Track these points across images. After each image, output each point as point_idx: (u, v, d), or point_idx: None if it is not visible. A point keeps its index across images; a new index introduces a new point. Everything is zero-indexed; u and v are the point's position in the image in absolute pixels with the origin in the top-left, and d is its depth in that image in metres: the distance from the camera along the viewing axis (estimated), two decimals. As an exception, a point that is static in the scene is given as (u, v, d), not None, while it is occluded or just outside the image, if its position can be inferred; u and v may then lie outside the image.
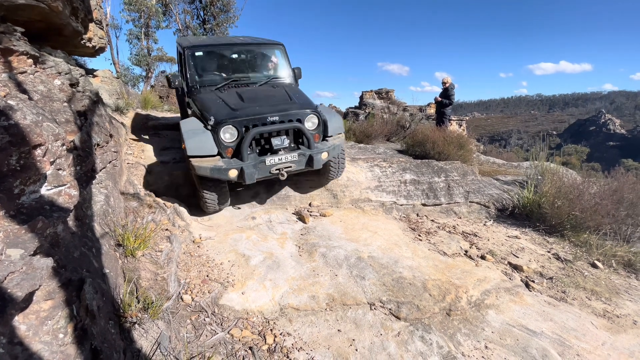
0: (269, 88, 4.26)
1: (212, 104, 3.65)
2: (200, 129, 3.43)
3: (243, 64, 4.70)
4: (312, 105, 3.87)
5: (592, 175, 6.28)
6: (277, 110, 3.55)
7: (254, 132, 3.35)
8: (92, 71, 7.35)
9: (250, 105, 3.57)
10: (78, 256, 1.75)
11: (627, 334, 2.68)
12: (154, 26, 17.01)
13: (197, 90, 4.09)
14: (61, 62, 2.85)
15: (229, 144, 3.39)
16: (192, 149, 3.26)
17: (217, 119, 3.36)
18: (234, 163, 3.31)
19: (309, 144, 3.65)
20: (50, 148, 1.68)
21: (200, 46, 4.41)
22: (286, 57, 4.85)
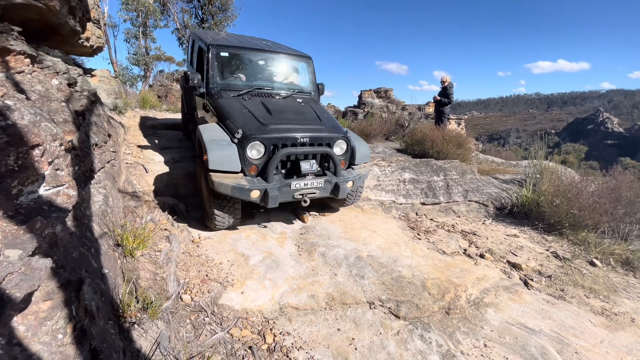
0: (295, 103, 3.97)
1: (238, 114, 3.38)
2: (225, 141, 3.10)
3: (267, 72, 4.41)
4: (341, 129, 3.66)
5: (590, 173, 6.30)
6: (308, 131, 3.33)
7: (284, 153, 3.10)
8: (90, 71, 7.33)
9: (280, 121, 3.33)
10: (77, 256, 1.74)
11: (625, 332, 2.69)
12: (151, 25, 16.97)
13: (217, 94, 3.78)
14: (59, 61, 2.84)
15: (254, 162, 3.12)
16: (215, 163, 2.95)
17: (246, 132, 3.09)
18: (258, 183, 3.03)
19: (336, 170, 3.41)
20: (48, 148, 1.68)
21: (227, 47, 4.10)
22: (313, 71, 4.63)
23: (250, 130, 3.12)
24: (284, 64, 4.56)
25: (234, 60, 4.19)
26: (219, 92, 3.80)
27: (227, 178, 2.97)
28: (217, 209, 3.18)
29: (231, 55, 4.14)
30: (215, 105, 3.66)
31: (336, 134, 3.49)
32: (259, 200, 3.06)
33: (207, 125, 3.46)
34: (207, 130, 3.27)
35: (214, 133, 3.23)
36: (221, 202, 3.17)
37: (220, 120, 3.44)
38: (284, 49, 4.66)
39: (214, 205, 3.15)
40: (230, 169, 3.00)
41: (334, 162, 3.38)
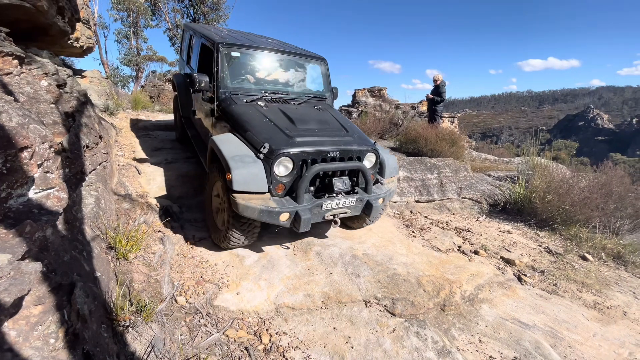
0: (314, 110, 3.64)
1: (259, 124, 3.04)
2: (249, 157, 2.74)
3: (280, 75, 4.04)
4: (369, 140, 3.34)
5: (581, 169, 6.39)
6: (338, 143, 3.02)
7: (317, 170, 2.75)
8: (80, 72, 7.24)
9: (306, 133, 3.00)
10: (68, 260, 1.72)
11: (618, 325, 2.73)
12: (142, 25, 16.82)
13: (229, 100, 3.39)
14: (48, 62, 2.80)
15: (282, 180, 2.79)
16: (240, 183, 2.58)
17: (273, 147, 2.73)
18: (287, 204, 2.71)
19: (367, 187, 3.09)
20: (37, 150, 1.65)
21: (238, 46, 3.67)
22: (328, 74, 4.29)
23: (277, 144, 2.77)
24: (298, 66, 4.21)
25: (245, 61, 3.76)
26: (230, 97, 3.42)
27: (254, 200, 2.62)
28: (237, 230, 2.83)
29: (242, 56, 3.71)
30: (228, 112, 3.28)
31: (366, 146, 3.17)
32: (288, 224, 2.73)
33: (224, 136, 3.05)
34: (226, 143, 2.89)
35: (235, 147, 2.84)
36: (242, 225, 2.82)
37: (235, 130, 3.08)
38: (298, 49, 4.33)
39: (233, 226, 2.80)
40: (257, 189, 2.65)
41: (365, 178, 3.05)
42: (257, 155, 2.77)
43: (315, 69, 4.29)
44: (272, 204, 2.67)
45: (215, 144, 2.88)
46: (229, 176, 2.58)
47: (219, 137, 3.01)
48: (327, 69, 4.30)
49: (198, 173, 4.51)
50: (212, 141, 2.97)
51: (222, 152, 2.74)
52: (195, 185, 4.24)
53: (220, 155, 2.75)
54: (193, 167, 4.68)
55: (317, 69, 4.27)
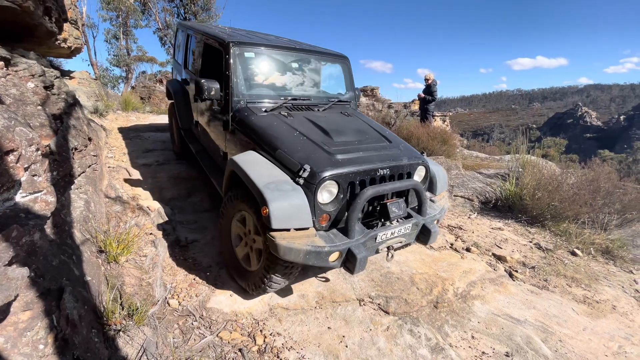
0: (343, 117, 3.19)
1: (290, 140, 2.52)
2: (286, 183, 2.19)
3: (299, 77, 3.57)
4: (416, 152, 2.85)
5: (570, 166, 6.50)
6: (385, 159, 2.51)
7: (370, 194, 2.22)
8: (68, 73, 7.14)
9: (346, 147, 2.51)
10: (57, 264, 1.69)
11: (607, 319, 2.79)
12: (132, 25, 16.63)
13: (246, 110, 2.89)
14: (34, 63, 2.75)
15: (326, 209, 2.26)
16: (281, 219, 2.03)
17: (315, 168, 2.20)
18: (337, 240, 2.19)
19: (421, 208, 2.59)
20: (24, 153, 1.62)
21: (252, 45, 3.15)
22: (351, 74, 3.84)
23: (318, 164, 2.24)
24: (319, 66, 3.78)
25: (261, 63, 3.26)
26: (246, 107, 2.92)
27: (297, 238, 2.08)
28: (278, 275, 2.30)
29: (257, 56, 3.19)
30: (248, 125, 2.77)
31: (416, 159, 2.69)
32: (338, 265, 2.23)
33: (247, 156, 2.51)
34: (253, 166, 2.35)
35: (265, 170, 2.31)
36: (285, 267, 2.28)
37: (260, 148, 2.57)
38: (316, 47, 3.87)
39: (273, 270, 2.26)
40: (301, 224, 2.12)
41: (421, 199, 2.58)
42: (295, 180, 2.22)
43: (336, 68, 3.86)
44: (319, 241, 2.13)
45: (239, 167, 2.33)
46: (266, 211, 2.02)
47: (242, 157, 2.47)
48: (350, 69, 3.85)
49: (190, 175, 4.47)
50: (233, 163, 2.43)
51: (251, 179, 2.19)
52: (187, 186, 4.21)
53: (249, 182, 2.20)
54: (185, 169, 4.64)
55: (338, 69, 3.83)
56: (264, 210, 2.04)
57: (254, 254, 2.48)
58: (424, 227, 2.58)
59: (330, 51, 3.84)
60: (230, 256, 2.69)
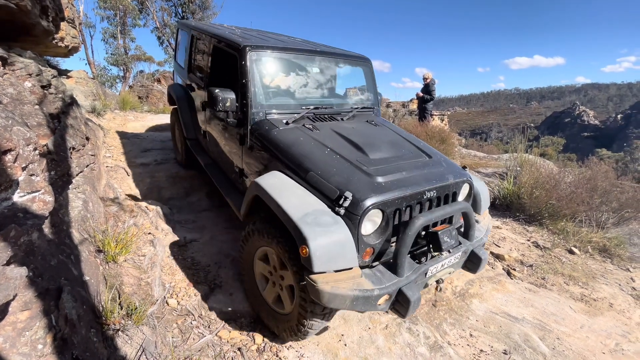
0: (371, 127, 2.90)
1: (321, 159, 2.21)
2: (325, 214, 1.87)
3: (319, 83, 3.23)
4: (458, 167, 2.53)
5: (567, 165, 6.52)
6: (430, 178, 2.20)
7: (421, 223, 1.92)
8: (65, 72, 7.10)
9: (386, 166, 2.20)
10: (55, 264, 1.69)
11: (604, 316, 2.80)
12: (130, 24, 16.56)
13: (266, 123, 2.58)
14: (31, 63, 2.74)
15: (371, 242, 1.95)
16: (324, 261, 1.72)
17: (358, 195, 1.89)
18: (386, 280, 1.88)
19: (469, 232, 2.31)
20: (21, 153, 1.62)
21: (270, 48, 2.81)
22: (373, 78, 3.53)
23: (360, 190, 1.93)
24: (340, 70, 3.45)
25: (280, 69, 2.94)
26: (266, 119, 2.63)
27: (342, 282, 1.77)
28: (317, 319, 1.99)
29: (275, 61, 2.88)
30: (269, 140, 2.47)
31: (461, 176, 2.38)
32: (387, 307, 1.92)
33: (273, 178, 2.19)
34: (283, 192, 2.02)
35: (298, 198, 1.99)
36: (322, 310, 1.94)
37: (287, 168, 2.27)
38: (337, 49, 3.54)
39: (309, 314, 1.94)
40: (346, 264, 1.80)
41: (469, 222, 2.30)
42: (334, 209, 1.91)
43: (357, 72, 3.52)
44: (366, 284, 1.81)
45: (266, 193, 2.03)
46: (306, 251, 1.71)
47: (267, 180, 2.15)
48: (372, 72, 3.53)
49: (188, 174, 4.46)
50: (256, 186, 2.13)
51: (283, 209, 1.88)
52: (185, 186, 4.21)
53: (281, 213, 1.89)
54: (183, 168, 4.63)
55: (360, 73, 3.50)
56: (303, 250, 1.72)
57: (285, 294, 2.12)
58: (473, 254, 2.31)
59: (351, 53, 3.54)
60: (256, 297, 2.36)
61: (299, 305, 1.98)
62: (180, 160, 4.71)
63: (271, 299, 2.24)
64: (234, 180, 3.08)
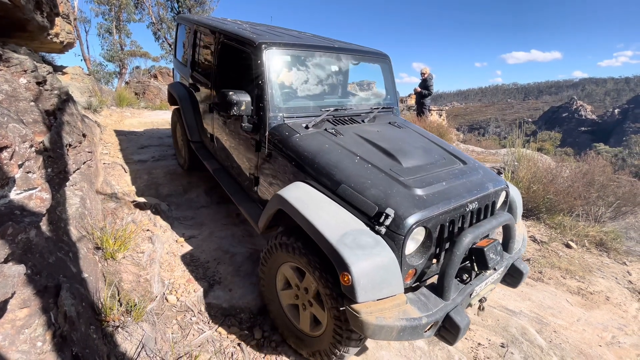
0: (396, 129, 2.72)
1: (352, 169, 2.00)
2: (364, 234, 1.67)
3: (337, 82, 3.07)
4: (493, 173, 2.36)
5: (564, 160, 6.54)
6: (471, 188, 2.03)
7: (470, 240, 1.77)
8: (61, 68, 7.04)
9: (423, 175, 2.02)
10: (54, 261, 1.69)
11: (600, 310, 2.83)
12: (125, 19, 16.40)
13: (285, 128, 2.36)
14: (26, 59, 2.71)
15: (414, 263, 1.79)
16: (369, 289, 1.54)
17: (401, 212, 1.71)
18: (432, 305, 1.71)
19: (509, 245, 2.15)
20: (17, 150, 1.61)
21: (287, 45, 2.59)
22: (392, 75, 3.33)
23: (402, 206, 1.74)
24: (359, 68, 3.26)
25: (297, 68, 2.72)
26: (284, 124, 2.40)
27: (388, 311, 1.57)
28: (353, 345, 1.81)
29: (293, 60, 2.66)
30: (292, 148, 2.23)
31: (499, 183, 2.22)
32: (431, 334, 1.74)
33: (300, 191, 1.98)
34: (312, 207, 1.83)
35: (330, 214, 1.80)
36: (359, 336, 1.76)
37: (312, 179, 2.06)
38: (354, 45, 3.34)
39: (344, 342, 1.77)
40: (391, 291, 1.62)
41: (510, 234, 2.15)
42: (373, 228, 1.71)
43: (374, 69, 3.30)
44: (413, 311, 1.64)
45: (293, 208, 1.84)
46: (347, 279, 1.51)
47: (292, 193, 1.96)
48: (391, 69, 3.32)
49: (186, 171, 4.44)
50: (280, 200, 1.95)
51: (317, 228, 1.68)
52: (183, 182, 4.19)
53: (314, 232, 1.69)
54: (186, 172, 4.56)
55: (377, 70, 3.29)
56: (345, 278, 1.53)
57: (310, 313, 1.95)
58: (513, 267, 2.15)
59: (370, 49, 3.32)
60: (282, 319, 2.17)
61: (332, 330, 1.78)
62: (182, 164, 4.46)
63: (301, 323, 2.04)
64: (246, 188, 2.87)
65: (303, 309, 2.00)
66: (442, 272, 1.75)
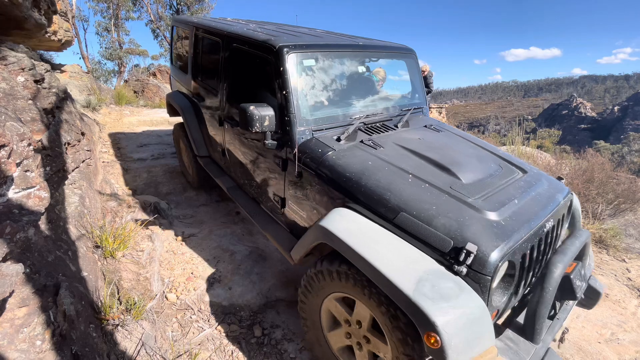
0: (435, 134, 2.46)
1: (409, 191, 1.70)
2: (443, 278, 1.40)
3: (362, 85, 2.77)
4: (554, 180, 2.17)
5: (564, 157, 6.55)
6: (545, 204, 1.80)
7: (561, 272, 1.59)
8: (59, 66, 7.01)
9: (490, 193, 1.76)
10: (53, 260, 1.68)
11: (600, 307, 2.83)
12: (124, 17, 16.33)
13: (317, 144, 2.06)
14: (24, 57, 2.69)
15: (497, 302, 1.53)
16: (459, 349, 1.27)
17: (485, 248, 1.43)
18: (524, 352, 1.53)
19: (583, 263, 1.88)
20: (15, 149, 1.60)
21: (311, 47, 2.26)
22: (419, 71, 3.05)
23: (481, 237, 1.47)
24: (386, 66, 3.00)
25: (323, 74, 2.37)
26: (314, 139, 2.10)
27: None
28: None
29: (318, 64, 2.33)
30: (329, 168, 1.92)
31: (565, 192, 2.01)
32: None
33: (349, 222, 1.67)
34: (367, 242, 1.54)
35: (396, 253, 1.50)
36: None
37: (359, 204, 1.76)
38: (377, 41, 2.98)
39: None
40: (484, 346, 1.36)
41: (586, 252, 1.92)
42: (451, 268, 1.44)
43: (399, 66, 3.05)
44: None
45: (346, 245, 1.54)
46: (436, 340, 1.25)
47: (339, 224, 1.65)
48: (417, 65, 3.04)
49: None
50: (325, 233, 1.66)
51: (383, 274, 1.38)
52: (183, 181, 4.19)
53: (379, 277, 1.40)
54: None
55: (402, 66, 3.02)
56: (431, 340, 1.27)
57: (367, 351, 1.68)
58: (589, 288, 1.94)
59: (394, 44, 3.01)
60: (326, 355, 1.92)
61: None
62: (191, 182, 4.01)
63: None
64: (270, 209, 2.55)
65: (358, 348, 1.70)
66: (533, 312, 1.52)
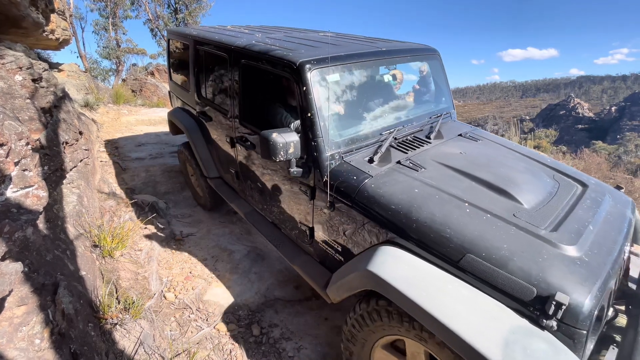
0: (474, 144, 2.20)
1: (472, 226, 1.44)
2: (531, 334, 1.17)
3: (388, 95, 2.53)
4: (613, 189, 2.00)
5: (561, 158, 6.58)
6: (617, 226, 1.59)
7: None
8: (57, 65, 6.99)
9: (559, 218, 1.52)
10: (51, 259, 1.68)
11: None
12: (121, 16, 16.27)
13: (349, 169, 1.82)
14: (22, 56, 2.69)
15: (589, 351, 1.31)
16: None
17: (576, 296, 1.18)
18: None
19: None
20: (13, 148, 1.60)
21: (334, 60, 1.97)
22: (444, 73, 2.79)
23: (568, 282, 1.23)
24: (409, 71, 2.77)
25: (348, 89, 2.15)
26: (345, 163, 1.86)
27: None
28: None
29: (343, 79, 2.09)
30: (369, 200, 1.67)
31: (629, 205, 1.83)
32: None
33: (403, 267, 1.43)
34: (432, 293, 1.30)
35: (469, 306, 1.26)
36: None
37: (411, 241, 1.51)
38: (399, 44, 2.62)
39: None
40: None
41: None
42: (537, 322, 1.20)
43: (425, 68, 2.81)
44: None
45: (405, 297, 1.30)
46: None
47: (392, 270, 1.41)
48: (442, 66, 2.78)
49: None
50: (377, 280, 1.42)
51: (461, 337, 1.15)
52: (181, 180, 4.19)
53: (455, 341, 1.18)
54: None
55: (430, 67, 2.78)
56: None
57: None
58: None
59: (417, 45, 2.73)
60: None
61: None
62: (204, 204, 3.65)
63: None
64: (296, 238, 2.29)
65: None
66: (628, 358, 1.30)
